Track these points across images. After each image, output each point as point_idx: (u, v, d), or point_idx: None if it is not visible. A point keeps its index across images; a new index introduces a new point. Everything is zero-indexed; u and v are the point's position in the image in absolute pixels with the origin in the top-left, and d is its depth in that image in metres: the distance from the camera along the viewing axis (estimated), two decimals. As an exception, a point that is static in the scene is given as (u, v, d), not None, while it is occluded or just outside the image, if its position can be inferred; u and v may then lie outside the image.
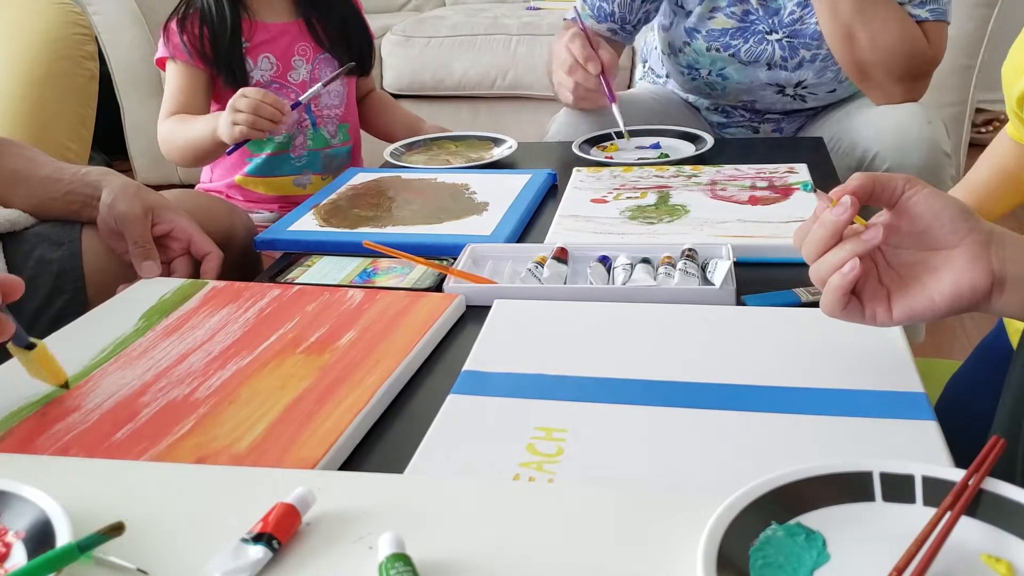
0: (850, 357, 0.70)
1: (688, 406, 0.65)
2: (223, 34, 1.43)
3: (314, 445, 0.63)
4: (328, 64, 1.52)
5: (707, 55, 1.43)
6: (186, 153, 1.44)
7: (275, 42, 1.48)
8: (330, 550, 0.50)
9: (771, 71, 1.42)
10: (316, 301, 0.86)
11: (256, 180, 1.52)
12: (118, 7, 2.67)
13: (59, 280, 0.96)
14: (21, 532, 0.51)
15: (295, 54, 1.50)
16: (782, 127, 1.54)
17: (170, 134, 1.45)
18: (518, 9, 2.92)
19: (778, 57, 1.40)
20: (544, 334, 0.77)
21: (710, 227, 1.00)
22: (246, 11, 1.47)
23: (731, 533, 0.47)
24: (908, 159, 1.27)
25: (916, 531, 0.48)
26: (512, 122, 2.70)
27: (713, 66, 1.44)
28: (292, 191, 1.52)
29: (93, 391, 0.72)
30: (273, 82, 1.48)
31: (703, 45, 1.43)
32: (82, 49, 1.67)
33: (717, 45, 1.42)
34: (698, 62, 1.45)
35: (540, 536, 0.51)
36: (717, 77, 1.45)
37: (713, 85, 1.47)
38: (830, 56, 1.37)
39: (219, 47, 1.44)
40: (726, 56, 1.42)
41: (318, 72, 1.51)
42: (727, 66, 1.43)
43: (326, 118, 1.53)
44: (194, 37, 1.44)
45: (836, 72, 1.40)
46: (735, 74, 1.44)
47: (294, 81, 1.49)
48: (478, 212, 1.09)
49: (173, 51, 1.45)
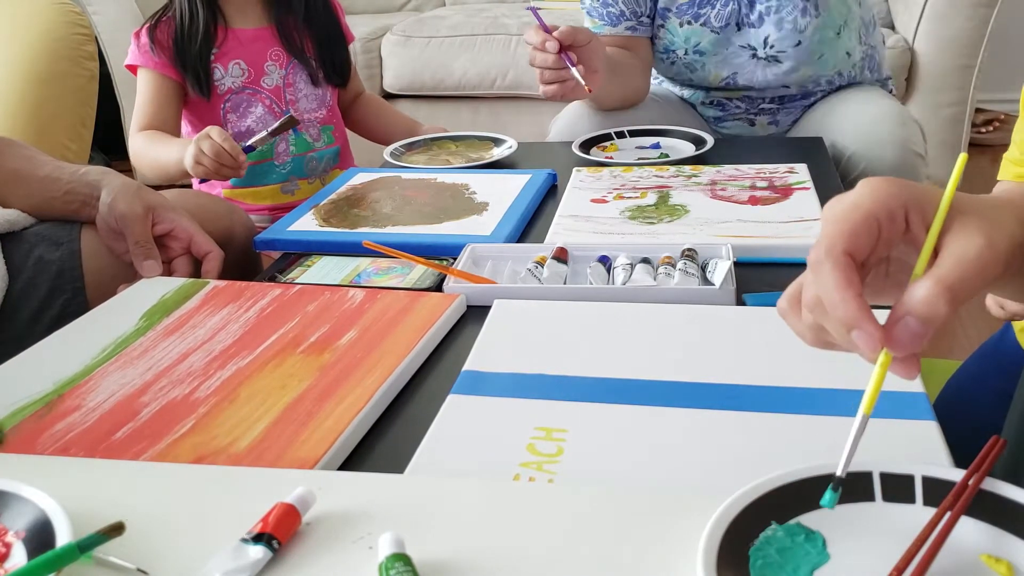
0: (850, 357, 0.70)
1: (688, 406, 0.65)
2: (193, 40, 1.42)
3: (313, 445, 0.63)
4: (303, 70, 1.51)
5: (681, 31, 1.45)
6: (155, 173, 1.43)
7: (247, 48, 1.47)
8: (330, 550, 0.50)
9: (741, 31, 1.44)
10: (317, 301, 0.86)
11: (243, 192, 1.50)
12: (118, 7, 2.67)
13: (59, 280, 0.96)
14: (21, 532, 0.51)
15: (268, 59, 1.48)
16: (778, 119, 1.54)
17: (141, 151, 1.43)
18: (518, 9, 2.92)
19: (743, 15, 1.43)
20: (544, 334, 0.77)
21: (710, 227, 1.00)
22: (221, 18, 1.46)
23: (731, 533, 0.47)
24: (881, 159, 1.33)
25: (916, 531, 0.48)
26: (512, 122, 2.70)
27: (688, 43, 1.46)
28: (280, 199, 1.51)
29: (93, 391, 0.72)
30: (245, 88, 1.47)
31: (675, 23, 1.45)
32: (82, 49, 1.67)
33: (688, 18, 1.44)
34: (673, 42, 1.47)
35: (540, 536, 0.51)
36: (694, 55, 1.47)
37: (692, 66, 1.49)
38: (782, 6, 1.41)
39: (188, 54, 1.43)
40: (698, 27, 1.44)
41: (291, 77, 1.50)
42: (701, 39, 1.45)
43: (307, 122, 1.52)
44: (164, 43, 1.43)
45: (793, 22, 1.42)
46: (710, 47, 1.45)
47: (267, 87, 1.48)
48: (478, 212, 1.09)
49: (142, 57, 1.44)
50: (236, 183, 1.49)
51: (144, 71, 1.45)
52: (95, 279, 0.98)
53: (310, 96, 1.52)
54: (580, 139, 1.35)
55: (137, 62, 1.45)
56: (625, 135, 1.37)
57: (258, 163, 1.48)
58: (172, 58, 1.43)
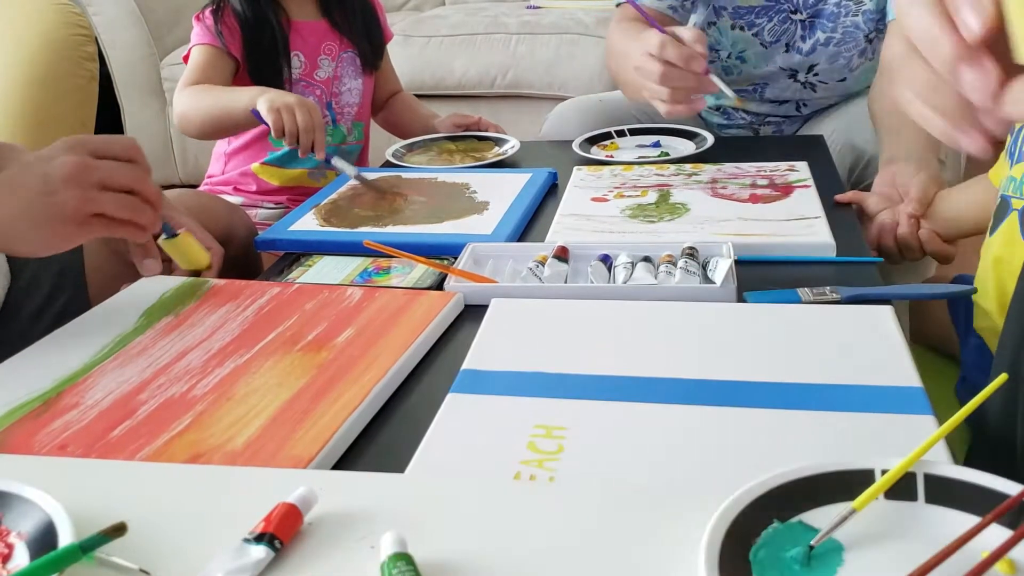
0: (849, 353, 0.70)
1: (689, 403, 0.65)
2: (260, 37, 1.44)
3: (309, 442, 0.63)
4: (350, 63, 1.54)
5: (730, 34, 1.42)
6: (210, 120, 1.40)
7: (305, 41, 1.50)
8: (332, 550, 0.50)
9: (788, 53, 1.42)
10: (315, 299, 0.86)
11: (272, 170, 1.51)
12: (118, 8, 2.67)
13: (60, 278, 0.96)
14: (23, 533, 0.51)
15: (321, 53, 1.51)
16: (782, 129, 1.54)
17: (194, 99, 1.41)
18: (518, 8, 2.92)
19: (797, 37, 1.40)
20: (543, 332, 0.77)
21: (711, 225, 1.00)
22: (284, 11, 1.48)
23: (733, 531, 0.47)
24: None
25: (917, 528, 0.48)
26: (512, 121, 2.69)
27: (734, 48, 1.44)
28: (306, 183, 1.52)
29: (92, 389, 0.72)
30: (301, 80, 1.49)
31: (728, 23, 1.42)
32: (82, 50, 1.68)
33: (742, 23, 1.41)
34: (719, 43, 1.44)
35: (542, 535, 0.50)
36: (736, 60, 1.45)
37: (729, 69, 1.46)
38: (844, 42, 1.38)
39: (258, 49, 1.44)
40: (749, 36, 1.42)
41: (340, 69, 1.53)
42: (748, 48, 1.43)
43: (345, 116, 1.55)
44: (233, 31, 1.44)
45: (848, 60, 1.41)
46: (753, 57, 1.44)
47: (319, 79, 1.51)
48: (479, 211, 1.09)
49: (208, 36, 1.43)
50: (269, 160, 1.48)
51: (201, 48, 1.44)
52: (96, 278, 0.98)
53: (353, 90, 1.55)
54: (581, 138, 1.35)
55: (205, 40, 1.43)
56: (625, 133, 1.37)
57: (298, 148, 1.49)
58: (241, 41, 1.44)
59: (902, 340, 0.71)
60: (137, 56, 2.69)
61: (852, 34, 1.39)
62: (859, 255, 0.93)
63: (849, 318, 0.75)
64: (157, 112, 2.75)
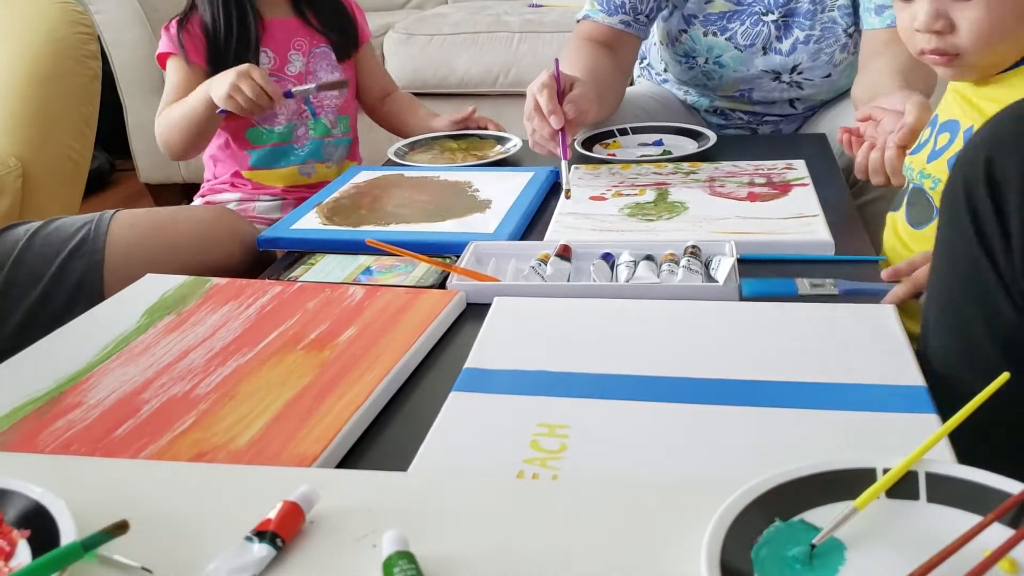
0: (852, 352, 0.70)
1: (692, 402, 0.65)
2: (230, 31, 1.45)
3: (313, 441, 0.63)
4: (323, 58, 1.54)
5: (704, 41, 1.43)
6: (182, 132, 1.44)
7: (274, 37, 1.51)
8: (334, 548, 0.50)
9: (767, 56, 1.42)
10: (317, 298, 0.86)
11: (261, 172, 1.53)
12: (120, 6, 2.67)
13: (77, 292, 0.99)
14: (26, 531, 0.51)
15: (291, 48, 1.52)
16: (781, 128, 1.54)
17: (165, 122, 1.46)
18: (520, 7, 2.92)
19: (773, 38, 1.40)
20: (545, 331, 0.77)
21: (709, 224, 1.00)
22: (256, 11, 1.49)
23: (734, 530, 0.47)
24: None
25: (919, 527, 0.48)
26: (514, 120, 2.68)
27: (710, 53, 1.44)
28: (298, 180, 1.54)
29: (94, 388, 0.72)
30: (271, 75, 1.49)
31: (700, 30, 1.42)
32: (85, 48, 1.67)
33: (714, 29, 1.42)
34: (695, 50, 1.45)
35: (544, 533, 0.51)
36: (714, 65, 1.45)
37: (710, 74, 1.47)
38: (824, 38, 1.38)
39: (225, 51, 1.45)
40: (723, 40, 1.42)
41: (312, 64, 1.53)
42: (723, 53, 1.43)
43: (325, 108, 1.55)
44: (196, 40, 1.46)
45: (830, 55, 1.40)
46: (731, 61, 1.43)
47: (290, 74, 1.52)
48: (481, 210, 1.09)
49: (171, 47, 1.47)
50: (255, 164, 1.51)
51: (174, 60, 1.48)
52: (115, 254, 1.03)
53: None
54: (582, 136, 1.35)
55: (167, 50, 1.48)
56: (628, 132, 1.36)
57: (279, 145, 1.51)
58: (204, 48, 1.46)
59: (904, 339, 0.71)
60: (140, 55, 2.69)
61: (831, 29, 1.39)
62: (858, 254, 0.93)
63: (852, 317, 0.75)
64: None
